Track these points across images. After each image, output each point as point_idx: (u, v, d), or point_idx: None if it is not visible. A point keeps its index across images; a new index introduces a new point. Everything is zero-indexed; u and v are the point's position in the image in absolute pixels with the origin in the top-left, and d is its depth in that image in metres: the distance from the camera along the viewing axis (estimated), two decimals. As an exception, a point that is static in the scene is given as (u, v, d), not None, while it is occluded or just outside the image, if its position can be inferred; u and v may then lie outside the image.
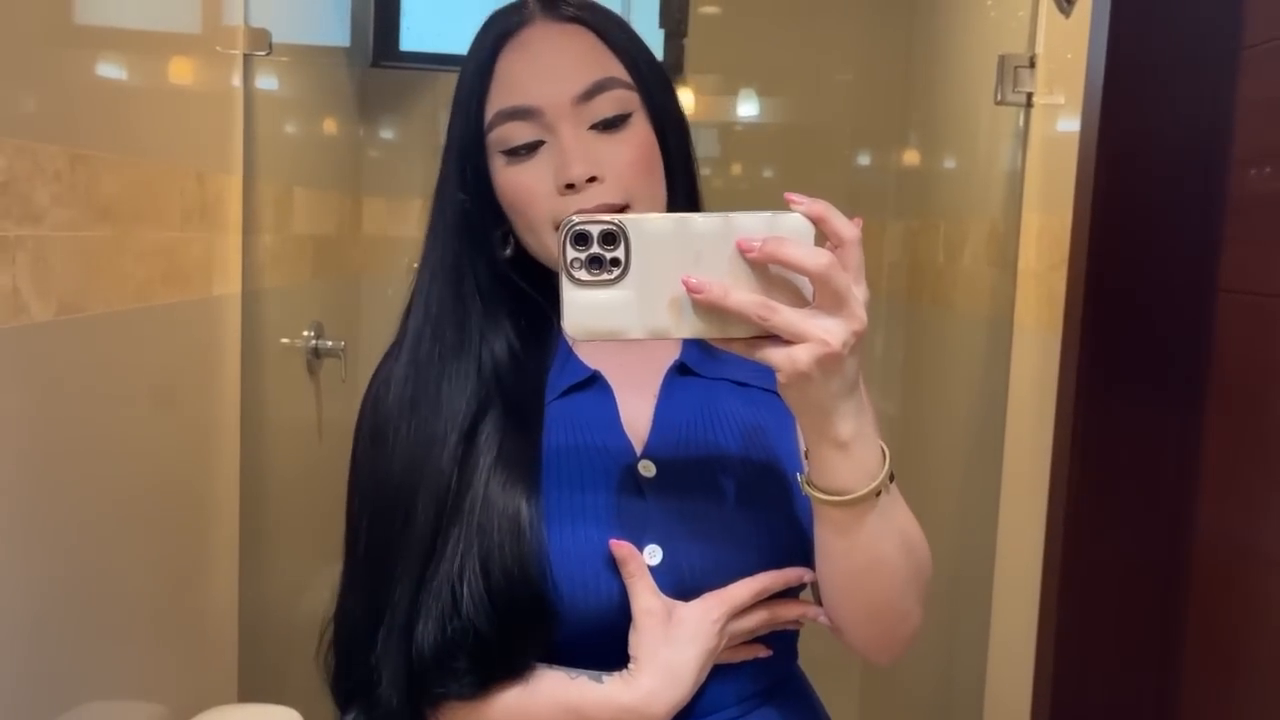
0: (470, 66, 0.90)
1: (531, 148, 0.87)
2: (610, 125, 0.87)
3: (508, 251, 0.91)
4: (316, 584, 2.04)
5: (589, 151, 0.85)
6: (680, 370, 0.93)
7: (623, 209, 0.85)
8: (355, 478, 0.92)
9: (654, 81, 0.91)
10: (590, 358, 0.92)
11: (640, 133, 0.88)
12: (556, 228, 0.82)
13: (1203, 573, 1.17)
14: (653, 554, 0.85)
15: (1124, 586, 1.23)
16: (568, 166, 0.85)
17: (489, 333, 0.90)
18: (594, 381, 0.92)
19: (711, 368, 0.93)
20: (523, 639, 0.83)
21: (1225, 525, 1.14)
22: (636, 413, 0.91)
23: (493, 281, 0.91)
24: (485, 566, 0.83)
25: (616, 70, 0.88)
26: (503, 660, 0.84)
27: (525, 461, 0.86)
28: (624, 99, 0.88)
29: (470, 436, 0.87)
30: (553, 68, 0.87)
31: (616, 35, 0.90)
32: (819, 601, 0.89)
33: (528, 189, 0.86)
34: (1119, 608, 1.24)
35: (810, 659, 0.98)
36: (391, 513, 0.87)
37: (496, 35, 0.89)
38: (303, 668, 2.16)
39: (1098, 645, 1.25)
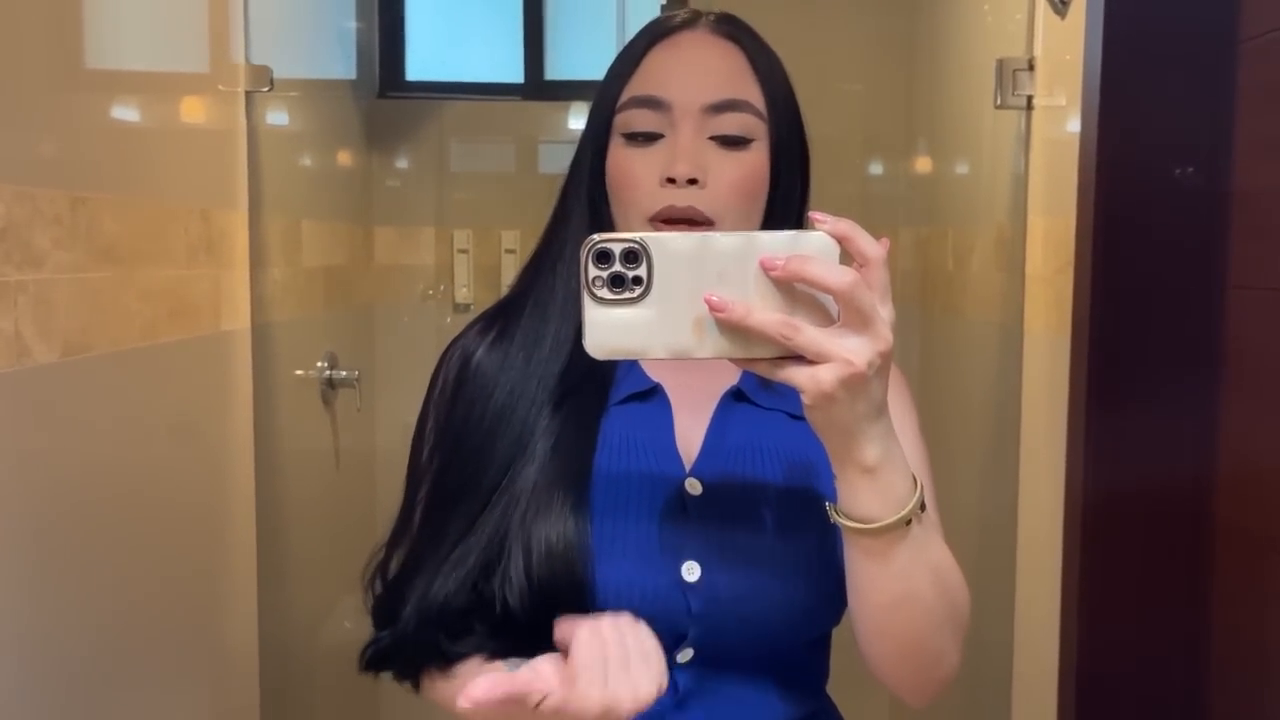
0: (620, 56, 0.95)
1: (650, 138, 0.90)
2: (728, 142, 0.90)
3: None
4: (337, 614, 2.05)
5: (700, 156, 0.89)
6: (736, 396, 0.94)
7: (708, 222, 0.88)
8: (432, 423, 0.96)
9: (786, 119, 0.94)
10: (654, 371, 0.94)
11: (755, 160, 0.91)
12: (649, 218, 0.88)
13: (1223, 571, 1.15)
14: (690, 570, 0.86)
15: (1145, 587, 1.22)
16: (675, 162, 0.88)
17: None
18: (654, 394, 0.93)
19: (767, 398, 0.94)
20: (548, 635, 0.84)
21: (1242, 522, 1.12)
22: (689, 432, 0.92)
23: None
24: (527, 546, 0.85)
25: (754, 97, 0.91)
26: (529, 638, 0.84)
27: (579, 456, 0.89)
28: (750, 125, 0.91)
29: (557, 406, 0.91)
30: (695, 72, 0.91)
31: (764, 66, 0.93)
32: (855, 637, 0.88)
33: (633, 173, 0.90)
34: (1141, 607, 1.22)
35: (839, 670, 0.98)
36: (468, 458, 0.91)
37: (654, 33, 0.93)
38: (325, 699, 2.16)
39: (1121, 646, 1.24)
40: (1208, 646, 1.17)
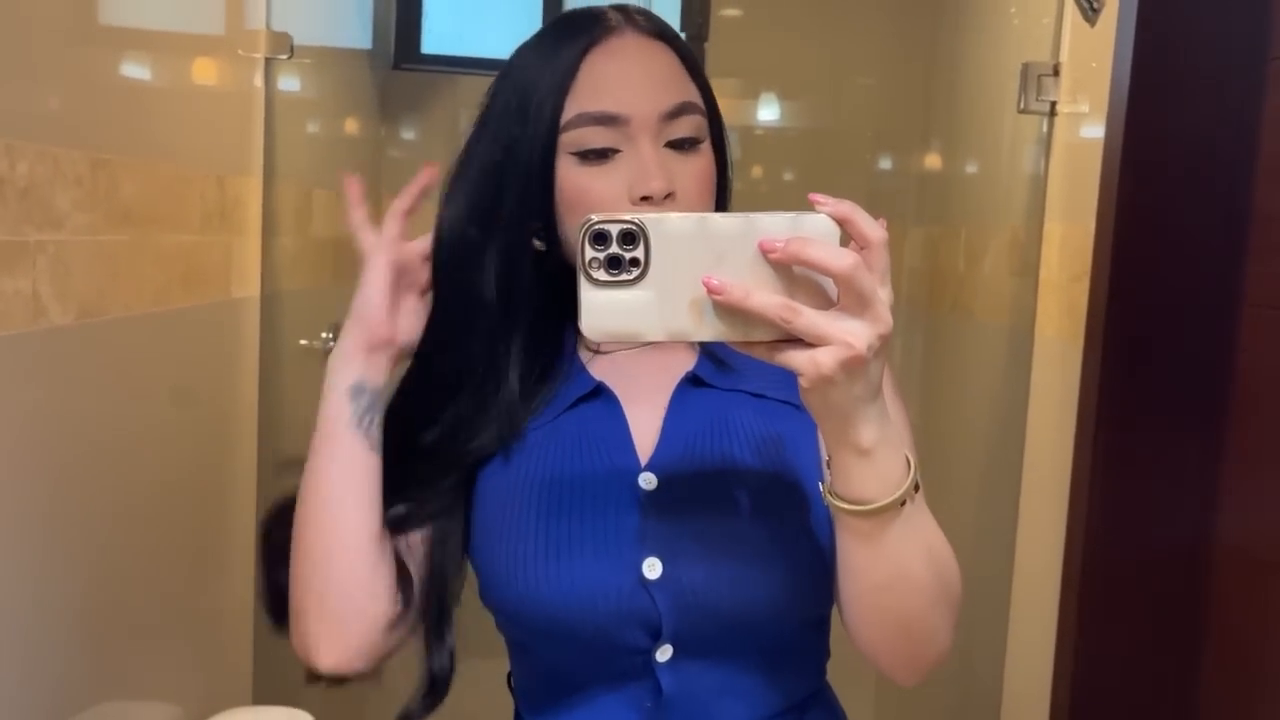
0: (543, 64, 0.88)
1: (605, 154, 0.87)
2: (683, 146, 0.88)
3: (539, 245, 0.90)
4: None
5: (666, 167, 0.86)
6: (693, 382, 0.91)
7: None
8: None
9: (714, 112, 0.92)
10: (601, 371, 0.92)
11: (706, 158, 0.90)
12: None
13: (1223, 586, 1.16)
14: (651, 567, 0.83)
15: (1143, 598, 1.22)
16: (649, 179, 0.85)
17: (506, 331, 0.90)
18: (599, 394, 0.91)
19: (726, 379, 0.91)
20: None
21: (1246, 538, 1.12)
22: (646, 425, 0.90)
23: (512, 278, 0.90)
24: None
25: (695, 96, 0.90)
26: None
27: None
28: (699, 124, 0.89)
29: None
30: (644, 81, 0.88)
31: (691, 61, 0.92)
32: (842, 618, 0.87)
33: (597, 194, 0.86)
34: (1139, 619, 1.23)
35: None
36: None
37: (584, 41, 0.88)
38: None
39: (1117, 654, 1.24)
40: (1204, 663, 1.18)
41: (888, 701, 2.25)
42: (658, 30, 0.91)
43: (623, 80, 0.87)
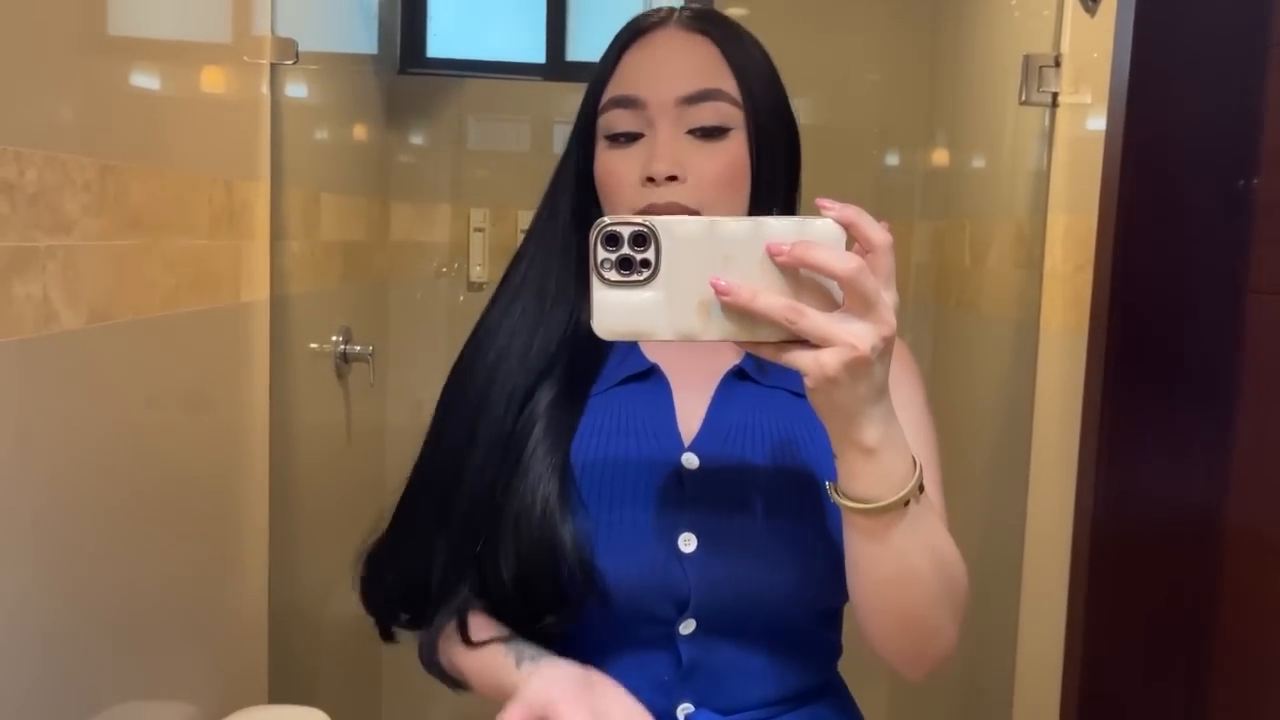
0: (601, 60, 0.97)
1: (631, 138, 0.92)
2: (707, 134, 0.91)
3: None
4: (345, 585, 2.06)
5: (677, 152, 0.90)
6: (739, 375, 0.95)
7: (693, 214, 0.89)
8: (440, 400, 1.00)
9: (765, 106, 0.94)
10: (652, 353, 0.96)
11: (734, 149, 0.92)
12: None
13: (1231, 575, 1.16)
14: (687, 542, 0.88)
15: (1152, 588, 1.22)
16: (653, 161, 0.89)
17: (580, 298, 0.95)
18: (651, 374, 0.95)
19: (770, 376, 0.95)
20: (541, 604, 0.88)
21: (1253, 527, 1.12)
22: (690, 410, 0.94)
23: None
24: (518, 529, 0.88)
25: (728, 85, 0.92)
26: (523, 614, 0.89)
27: (566, 438, 0.91)
28: (726, 113, 0.92)
29: (530, 393, 0.93)
30: (667, 68, 0.92)
31: (737, 54, 0.94)
32: (853, 611, 0.89)
33: (617, 175, 0.92)
34: (1147, 609, 1.23)
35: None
36: (457, 441, 0.94)
37: (628, 35, 0.95)
38: (332, 669, 2.18)
39: (1126, 645, 1.24)
40: (1214, 649, 1.18)
41: (901, 695, 2.25)
42: (701, 26, 0.94)
43: (647, 67, 0.93)
